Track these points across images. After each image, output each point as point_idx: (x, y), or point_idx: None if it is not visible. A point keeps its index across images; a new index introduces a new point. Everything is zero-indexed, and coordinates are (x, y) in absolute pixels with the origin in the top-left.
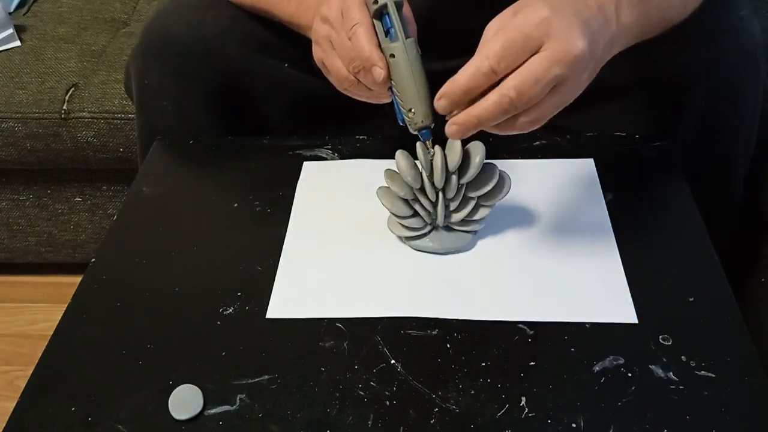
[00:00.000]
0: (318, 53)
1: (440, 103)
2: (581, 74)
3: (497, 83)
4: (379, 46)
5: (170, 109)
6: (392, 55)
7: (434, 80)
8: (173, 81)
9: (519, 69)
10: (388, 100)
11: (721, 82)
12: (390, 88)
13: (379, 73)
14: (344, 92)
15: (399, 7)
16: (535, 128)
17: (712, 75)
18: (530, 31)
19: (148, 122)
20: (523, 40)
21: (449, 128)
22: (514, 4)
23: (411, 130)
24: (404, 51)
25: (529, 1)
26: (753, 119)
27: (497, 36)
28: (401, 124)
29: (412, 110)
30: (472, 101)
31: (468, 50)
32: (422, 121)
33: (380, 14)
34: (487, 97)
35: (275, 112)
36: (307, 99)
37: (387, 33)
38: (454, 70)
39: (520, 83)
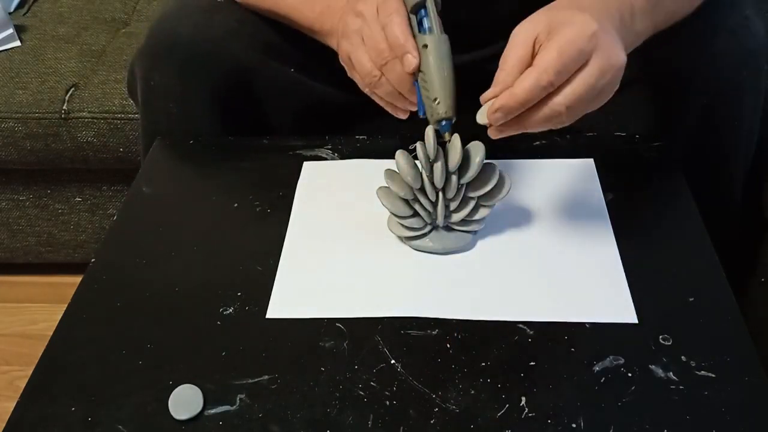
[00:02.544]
0: (345, 47)
1: (496, 116)
2: (618, 81)
3: None
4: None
5: (175, 111)
6: (425, 46)
7: None
8: (179, 83)
9: (569, 83)
10: (413, 107)
11: (721, 81)
12: (415, 81)
13: (411, 60)
14: (366, 91)
15: (437, 5)
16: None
17: (712, 73)
18: (583, 45)
19: (153, 123)
20: (578, 55)
21: (492, 131)
22: (546, 8)
23: (431, 122)
24: (437, 42)
25: (570, 11)
26: (753, 119)
27: (551, 50)
28: (422, 116)
29: (437, 100)
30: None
31: (475, 45)
32: (445, 113)
33: (416, 10)
34: (537, 110)
35: (280, 117)
36: (312, 105)
37: (420, 28)
38: (461, 66)
39: (570, 99)
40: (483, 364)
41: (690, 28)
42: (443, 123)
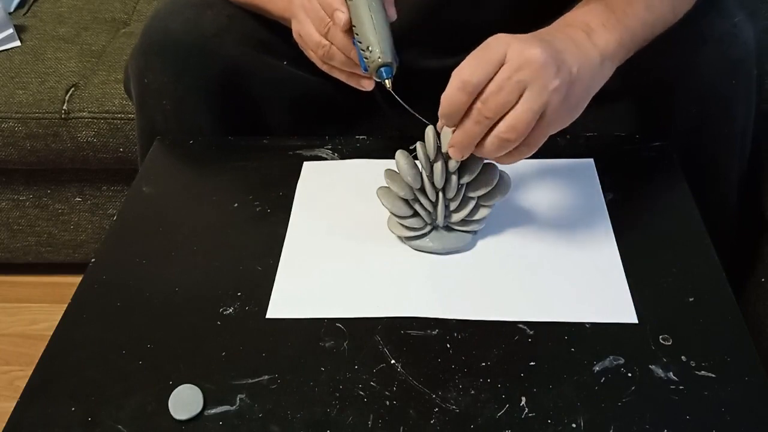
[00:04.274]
0: (295, 27)
1: (440, 125)
2: (548, 80)
3: None
4: None
5: (170, 108)
6: None
7: (434, 79)
8: (172, 80)
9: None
10: (370, 87)
11: (708, 90)
12: (354, 41)
13: (340, 16)
14: (324, 68)
15: None
16: (528, 153)
17: (700, 83)
18: (491, 42)
19: (148, 122)
20: (485, 53)
21: (451, 152)
22: None
23: (370, 73)
24: None
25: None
26: (746, 124)
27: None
28: (364, 72)
29: (369, 48)
30: None
31: (466, 47)
32: (379, 58)
33: None
34: (465, 114)
35: (275, 111)
36: (306, 98)
37: None
38: (452, 69)
39: (486, 92)
40: (483, 364)
41: (677, 37)
42: (381, 70)
